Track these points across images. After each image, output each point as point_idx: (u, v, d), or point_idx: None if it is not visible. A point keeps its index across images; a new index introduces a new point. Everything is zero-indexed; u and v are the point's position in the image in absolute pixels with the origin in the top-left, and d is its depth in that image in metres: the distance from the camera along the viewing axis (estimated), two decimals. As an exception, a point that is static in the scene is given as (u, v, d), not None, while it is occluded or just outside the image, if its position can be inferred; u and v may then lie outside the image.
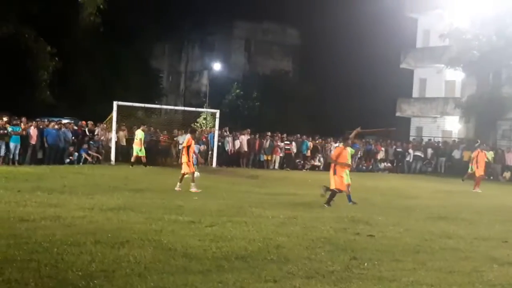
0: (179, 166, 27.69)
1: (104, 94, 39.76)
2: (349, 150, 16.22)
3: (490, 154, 35.89)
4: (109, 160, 27.94)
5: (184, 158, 18.12)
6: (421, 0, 45.23)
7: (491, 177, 35.17)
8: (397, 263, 8.43)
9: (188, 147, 18.09)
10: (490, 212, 16.15)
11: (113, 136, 28.53)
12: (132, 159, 26.95)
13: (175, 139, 30.95)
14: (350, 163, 16.53)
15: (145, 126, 28.66)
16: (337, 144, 36.12)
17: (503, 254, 9.58)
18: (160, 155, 30.71)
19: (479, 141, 39.05)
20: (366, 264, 8.21)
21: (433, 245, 10.05)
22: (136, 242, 8.77)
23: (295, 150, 34.79)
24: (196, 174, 23.22)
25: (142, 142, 26.98)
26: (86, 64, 43.26)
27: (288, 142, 34.65)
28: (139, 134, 27.04)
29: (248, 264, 7.83)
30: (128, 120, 30.76)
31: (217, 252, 8.38)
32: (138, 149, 26.89)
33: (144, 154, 27.17)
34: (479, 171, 24.86)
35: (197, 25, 64.00)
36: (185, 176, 18.08)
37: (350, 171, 16.67)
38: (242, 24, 66.90)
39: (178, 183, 17.83)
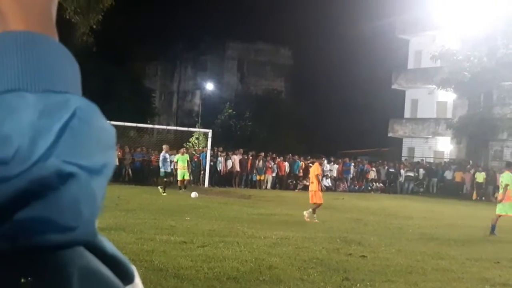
0: (170, 186, 27.73)
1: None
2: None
3: (482, 175, 36.10)
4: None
5: (313, 187, 17.31)
6: (413, 22, 45.63)
7: (483, 198, 35.26)
8: (390, 284, 8.40)
9: (318, 175, 17.40)
10: (482, 233, 16.15)
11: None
12: (180, 184, 26.85)
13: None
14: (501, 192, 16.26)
15: (184, 149, 28.73)
16: (328, 165, 36.25)
17: (495, 275, 9.56)
18: (152, 174, 30.64)
19: (470, 162, 39.38)
20: (358, 285, 8.18)
21: (425, 266, 10.04)
22: (127, 262, 8.70)
23: (287, 170, 34.81)
24: (194, 194, 23.37)
25: (186, 166, 26.84)
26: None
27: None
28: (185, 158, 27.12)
29: (240, 285, 7.79)
30: (120, 139, 30.71)
31: (209, 273, 8.34)
32: (184, 172, 26.76)
33: (188, 178, 27.29)
34: None
35: (190, 45, 64.20)
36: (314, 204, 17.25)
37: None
38: (235, 45, 67.14)
39: (314, 215, 17.02)
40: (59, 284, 0.56)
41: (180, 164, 26.71)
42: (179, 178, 26.95)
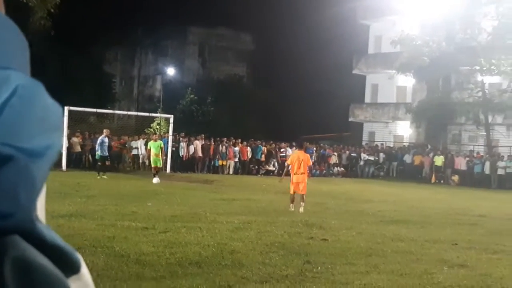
0: (132, 171, 27.53)
1: (55, 99, 39.02)
2: None
3: (441, 159, 36.72)
4: (60, 166, 27.45)
5: (304, 178, 15.85)
6: (373, 7, 45.90)
7: (442, 181, 35.88)
8: (350, 267, 8.52)
9: (310, 165, 16.26)
10: (441, 215, 16.46)
11: (64, 142, 28.04)
12: (154, 170, 26.13)
13: (126, 145, 30.72)
14: None
15: (157, 135, 28.15)
16: (290, 150, 36.46)
17: (453, 256, 9.78)
18: (113, 160, 30.37)
19: (429, 145, 40.01)
20: (319, 267, 8.27)
21: (385, 248, 10.20)
22: (88, 249, 8.65)
23: (250, 155, 34.88)
24: (156, 180, 23.15)
25: (159, 153, 26.21)
26: (36, 69, 42.31)
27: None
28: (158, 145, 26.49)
29: (202, 269, 7.81)
30: (80, 125, 30.34)
31: (170, 258, 8.33)
32: (157, 160, 26.05)
33: (160, 165, 26.23)
34: None
35: (151, 30, 63.61)
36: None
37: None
38: (196, 30, 66.72)
39: (292, 204, 15.90)
40: None
41: (153, 151, 26.09)
42: (152, 165, 26.33)
